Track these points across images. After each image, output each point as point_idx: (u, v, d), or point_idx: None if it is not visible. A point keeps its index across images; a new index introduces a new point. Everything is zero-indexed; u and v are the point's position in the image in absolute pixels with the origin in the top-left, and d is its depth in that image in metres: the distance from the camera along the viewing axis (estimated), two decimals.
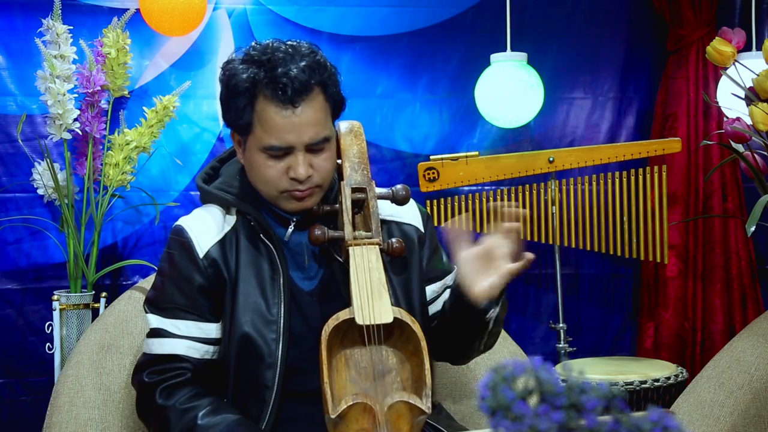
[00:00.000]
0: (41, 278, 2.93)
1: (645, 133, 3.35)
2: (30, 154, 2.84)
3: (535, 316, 3.30)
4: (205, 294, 1.65)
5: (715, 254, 3.23)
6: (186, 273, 1.65)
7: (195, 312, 1.65)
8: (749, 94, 2.48)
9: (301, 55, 1.57)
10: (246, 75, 1.56)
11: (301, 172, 1.57)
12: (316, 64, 1.57)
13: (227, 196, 1.68)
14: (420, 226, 1.77)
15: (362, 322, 1.49)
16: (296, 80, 1.53)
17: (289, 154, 1.58)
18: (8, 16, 2.89)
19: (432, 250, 1.78)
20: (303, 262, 1.68)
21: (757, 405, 1.88)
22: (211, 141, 3.04)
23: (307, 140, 1.57)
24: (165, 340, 1.65)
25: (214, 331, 1.66)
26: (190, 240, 1.65)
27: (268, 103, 1.55)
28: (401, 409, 1.46)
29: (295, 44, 1.60)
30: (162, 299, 1.67)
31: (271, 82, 1.54)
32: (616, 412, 0.75)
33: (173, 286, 1.66)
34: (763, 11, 3.34)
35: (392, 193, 1.66)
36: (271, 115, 1.55)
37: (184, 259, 1.65)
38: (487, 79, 2.98)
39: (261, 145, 1.57)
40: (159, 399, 1.62)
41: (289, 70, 1.53)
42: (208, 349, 1.66)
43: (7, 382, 2.91)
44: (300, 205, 1.62)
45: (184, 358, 1.63)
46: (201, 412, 1.58)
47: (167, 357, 1.64)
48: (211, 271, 1.64)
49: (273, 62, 1.55)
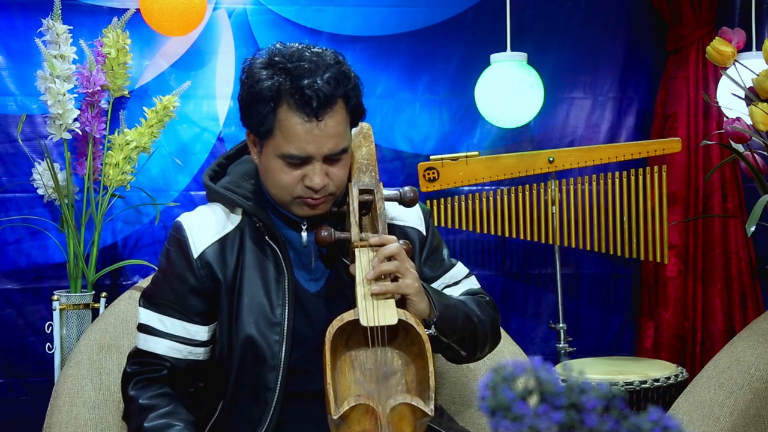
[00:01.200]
0: (41, 278, 2.93)
1: (645, 133, 3.35)
2: (30, 154, 2.84)
3: (535, 316, 3.31)
4: (196, 295, 1.65)
5: (715, 254, 3.23)
6: (179, 271, 1.65)
7: (183, 312, 1.66)
8: (749, 94, 2.48)
9: (327, 65, 1.55)
10: (270, 82, 1.54)
11: (317, 181, 1.56)
12: (342, 76, 1.55)
13: (234, 197, 1.67)
14: (422, 228, 1.76)
15: (367, 323, 1.49)
16: (321, 92, 1.51)
17: (306, 163, 1.57)
18: (8, 16, 2.89)
19: (432, 248, 1.78)
20: (309, 263, 1.68)
21: (757, 405, 1.88)
22: (211, 141, 3.04)
23: (326, 152, 1.56)
24: (149, 337, 1.67)
25: (201, 333, 1.67)
26: (186, 239, 1.65)
27: (291, 113, 1.53)
28: (404, 411, 1.46)
29: (320, 52, 1.57)
30: (155, 294, 1.69)
31: (296, 93, 1.52)
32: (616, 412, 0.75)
33: (166, 282, 1.67)
34: (763, 11, 3.34)
35: (400, 195, 1.65)
36: (293, 126, 1.54)
37: (179, 257, 1.66)
38: (487, 79, 2.98)
39: (280, 152, 1.56)
40: (131, 390, 1.67)
41: (314, 82, 1.52)
42: (193, 351, 1.67)
43: (7, 382, 2.91)
44: (312, 212, 1.62)
45: (163, 358, 1.66)
46: (153, 413, 1.61)
47: (149, 353, 1.67)
48: (204, 272, 1.64)
49: (299, 71, 1.53)
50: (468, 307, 1.70)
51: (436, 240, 1.79)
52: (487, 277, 3.26)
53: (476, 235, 3.17)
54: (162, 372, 1.66)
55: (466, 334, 1.67)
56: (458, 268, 1.82)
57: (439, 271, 1.77)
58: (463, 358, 1.73)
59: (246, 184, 1.69)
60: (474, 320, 1.69)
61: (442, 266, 1.78)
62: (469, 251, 3.26)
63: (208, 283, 1.65)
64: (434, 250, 1.78)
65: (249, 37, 3.04)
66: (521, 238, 3.04)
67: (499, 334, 1.81)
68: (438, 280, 1.77)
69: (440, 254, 1.79)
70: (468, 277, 1.83)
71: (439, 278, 1.77)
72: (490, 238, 3.24)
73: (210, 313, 1.67)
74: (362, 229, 1.61)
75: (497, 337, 1.80)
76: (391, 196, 1.65)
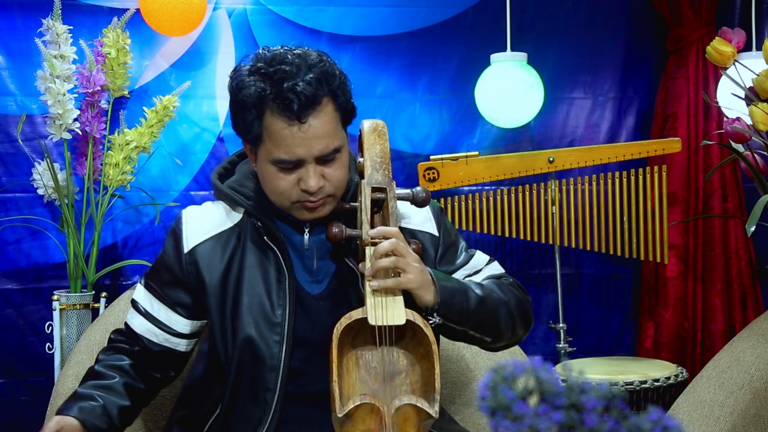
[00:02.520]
0: (41, 278, 2.93)
1: (645, 133, 3.35)
2: (30, 154, 2.84)
3: (535, 316, 3.29)
4: (180, 288, 1.68)
5: (715, 254, 3.23)
6: (169, 262, 1.69)
7: (166, 300, 1.69)
8: (749, 94, 2.48)
9: (309, 65, 1.54)
10: (253, 89, 1.53)
11: (311, 184, 1.56)
12: (324, 75, 1.54)
13: (235, 195, 1.68)
14: (433, 229, 1.74)
15: (375, 322, 1.49)
16: (302, 94, 1.51)
17: (299, 167, 1.56)
18: (8, 16, 2.89)
19: (447, 245, 1.75)
20: (311, 265, 1.67)
21: (757, 405, 1.88)
22: (211, 141, 3.04)
23: (317, 153, 1.55)
24: (135, 315, 1.72)
25: (180, 325, 1.70)
26: (180, 232, 1.68)
27: (275, 118, 1.53)
28: (409, 412, 1.46)
29: (302, 53, 1.56)
30: (151, 277, 1.73)
31: (277, 97, 1.51)
32: (616, 412, 0.75)
33: (159, 268, 1.72)
34: (763, 11, 3.34)
35: (412, 195, 1.64)
36: (279, 130, 1.53)
37: (172, 248, 1.69)
38: (487, 79, 2.98)
39: (271, 158, 1.56)
40: (99, 353, 1.73)
41: (295, 84, 1.51)
42: (170, 339, 1.70)
43: (7, 382, 2.91)
44: (313, 215, 1.62)
45: (139, 336, 1.71)
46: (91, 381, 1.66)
47: (130, 328, 1.72)
48: (191, 269, 1.66)
49: (279, 75, 1.52)
50: (485, 289, 1.64)
51: (450, 236, 1.76)
52: None
53: (476, 235, 3.17)
54: (133, 347, 1.71)
55: (485, 318, 1.62)
56: (478, 258, 1.77)
57: (458, 263, 1.74)
58: (489, 344, 1.68)
59: (249, 183, 1.69)
60: (489, 303, 1.63)
61: (461, 258, 1.75)
62: None
63: (193, 280, 1.66)
64: (450, 246, 1.75)
65: (249, 37, 3.04)
66: (521, 238, 3.04)
67: (529, 314, 1.72)
68: (458, 272, 1.73)
69: (457, 247, 1.76)
70: (490, 264, 1.78)
71: (459, 270, 1.73)
72: (490, 238, 3.24)
73: (195, 309, 1.69)
74: (373, 227, 1.60)
75: (527, 318, 1.71)
76: (403, 195, 1.64)
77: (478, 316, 1.61)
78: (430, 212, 1.76)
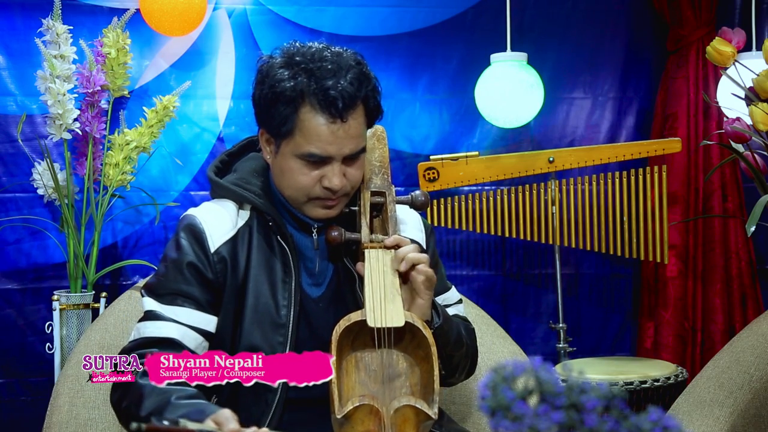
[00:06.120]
0: (41, 278, 2.93)
1: (645, 133, 3.35)
2: (30, 154, 2.84)
3: (535, 316, 3.31)
4: (208, 287, 1.61)
5: (715, 254, 3.23)
6: (195, 262, 1.60)
7: (195, 301, 1.59)
8: (749, 94, 2.48)
9: (348, 66, 1.56)
10: (293, 83, 1.53)
11: (336, 182, 1.57)
12: (363, 77, 1.57)
13: (245, 193, 1.65)
14: (423, 243, 1.75)
15: (374, 324, 1.49)
16: (345, 93, 1.52)
17: (325, 164, 1.57)
18: (8, 16, 2.89)
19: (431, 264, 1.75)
20: (314, 268, 1.67)
21: (757, 405, 1.88)
22: (211, 141, 3.04)
23: (347, 152, 1.57)
24: (161, 323, 1.57)
25: (212, 324, 1.61)
26: (203, 232, 1.62)
27: (315, 113, 1.53)
28: (408, 414, 1.46)
29: (340, 52, 1.58)
30: (163, 285, 1.61)
31: (320, 93, 1.52)
32: (616, 412, 0.75)
33: (177, 272, 1.60)
34: (763, 11, 3.34)
35: (411, 199, 1.67)
36: (317, 126, 1.53)
37: (196, 248, 1.61)
38: (487, 79, 2.98)
39: (299, 151, 1.56)
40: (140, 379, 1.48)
41: (338, 82, 1.52)
42: (200, 342, 1.59)
43: (7, 382, 2.91)
44: (327, 213, 1.62)
45: (178, 344, 1.55)
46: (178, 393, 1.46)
47: (160, 341, 1.55)
48: (220, 267, 1.62)
49: (322, 72, 1.53)
50: (460, 329, 1.71)
51: (434, 257, 1.77)
52: (487, 277, 3.26)
53: (476, 235, 3.17)
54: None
55: (454, 353, 1.67)
56: (452, 292, 1.83)
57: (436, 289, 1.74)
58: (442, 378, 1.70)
59: (255, 180, 1.68)
60: (463, 342, 1.70)
61: (439, 285, 1.74)
62: (469, 251, 3.26)
63: (222, 278, 1.62)
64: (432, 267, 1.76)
65: (249, 37, 3.04)
66: (521, 238, 3.04)
67: (475, 365, 1.79)
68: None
69: (438, 273, 1.76)
70: (458, 304, 1.83)
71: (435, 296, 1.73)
72: (490, 238, 3.24)
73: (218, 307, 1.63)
74: (372, 231, 1.61)
75: (474, 367, 1.79)
76: (402, 200, 1.67)
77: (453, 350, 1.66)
78: (422, 226, 1.77)
